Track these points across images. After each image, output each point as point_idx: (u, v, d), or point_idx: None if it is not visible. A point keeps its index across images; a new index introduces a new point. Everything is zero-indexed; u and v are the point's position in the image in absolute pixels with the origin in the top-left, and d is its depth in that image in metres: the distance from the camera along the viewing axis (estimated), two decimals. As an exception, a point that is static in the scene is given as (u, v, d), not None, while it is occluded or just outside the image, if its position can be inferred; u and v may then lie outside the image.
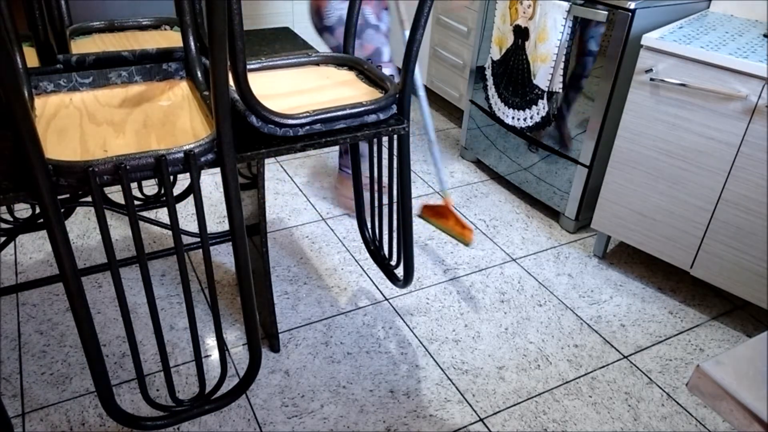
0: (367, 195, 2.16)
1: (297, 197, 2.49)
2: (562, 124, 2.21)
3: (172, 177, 1.18)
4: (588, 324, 1.88)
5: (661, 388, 1.67)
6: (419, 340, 1.80)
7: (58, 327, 1.78)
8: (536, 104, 2.27)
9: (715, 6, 2.11)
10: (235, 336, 1.78)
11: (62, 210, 1.28)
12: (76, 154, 1.10)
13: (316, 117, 1.26)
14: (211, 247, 2.09)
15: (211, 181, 2.52)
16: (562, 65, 2.12)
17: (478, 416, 1.58)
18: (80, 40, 1.57)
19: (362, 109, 1.32)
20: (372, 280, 2.04)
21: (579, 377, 1.70)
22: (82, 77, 1.35)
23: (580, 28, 2.04)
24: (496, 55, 2.40)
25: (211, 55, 1.03)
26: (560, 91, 2.18)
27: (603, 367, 1.73)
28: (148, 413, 1.40)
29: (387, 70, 1.88)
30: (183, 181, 2.34)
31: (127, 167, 1.05)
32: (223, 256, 2.12)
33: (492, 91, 2.47)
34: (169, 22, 1.68)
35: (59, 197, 1.08)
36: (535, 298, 1.98)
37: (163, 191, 1.81)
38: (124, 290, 1.18)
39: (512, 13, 2.24)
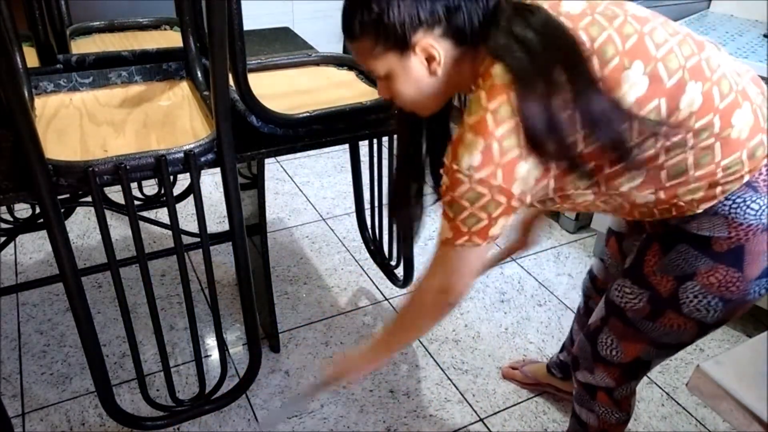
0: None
1: (297, 197, 2.49)
2: (562, 124, 2.21)
3: (172, 177, 1.18)
4: (588, 324, 1.88)
5: (661, 388, 1.67)
6: (419, 340, 1.80)
7: (58, 327, 1.78)
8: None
9: (715, 6, 2.11)
10: (235, 336, 1.78)
11: (62, 210, 1.27)
12: (76, 154, 1.10)
13: (316, 117, 1.26)
14: (211, 247, 2.09)
15: (211, 181, 2.52)
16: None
17: (478, 416, 1.58)
18: (80, 40, 1.57)
19: (362, 108, 1.32)
20: (372, 280, 2.04)
21: (579, 377, 1.70)
22: (82, 77, 1.34)
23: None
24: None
25: (211, 55, 1.03)
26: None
27: None
28: (148, 413, 1.40)
29: None
30: (183, 181, 2.34)
31: (127, 167, 1.05)
32: (223, 256, 2.11)
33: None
34: (169, 22, 1.68)
35: (59, 197, 1.08)
36: (535, 298, 1.98)
37: (163, 191, 1.81)
38: (124, 290, 1.18)
39: None
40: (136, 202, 1.72)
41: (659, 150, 0.85)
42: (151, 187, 2.08)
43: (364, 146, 1.77)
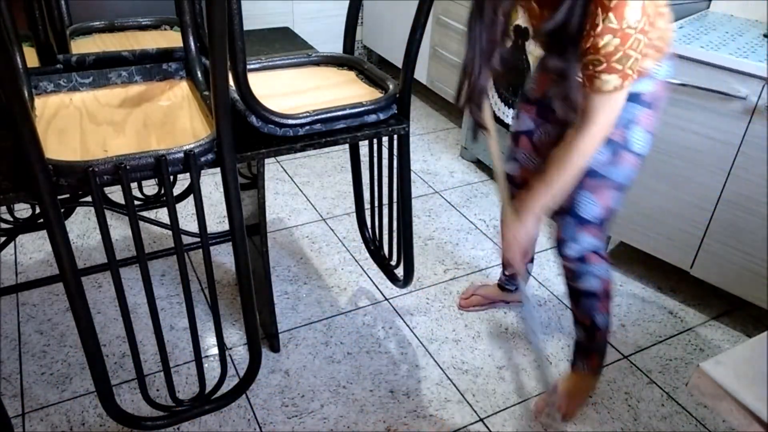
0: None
1: (297, 197, 2.49)
2: (562, 124, 2.21)
3: (172, 177, 1.18)
4: (588, 324, 1.88)
5: (661, 388, 1.67)
6: (419, 340, 1.80)
7: (58, 327, 1.78)
8: (536, 104, 2.27)
9: (715, 6, 2.10)
10: (235, 336, 1.78)
11: (62, 210, 1.28)
12: (76, 154, 1.10)
13: (316, 117, 1.26)
14: (211, 247, 2.09)
15: (211, 181, 2.52)
16: (562, 65, 2.12)
17: (478, 416, 1.58)
18: (80, 40, 1.57)
19: (362, 109, 1.32)
20: (372, 280, 2.04)
21: (579, 377, 1.70)
22: (82, 77, 1.35)
23: (580, 28, 2.04)
24: (496, 55, 2.40)
25: (211, 55, 1.03)
26: (560, 91, 2.18)
27: (603, 367, 1.73)
28: (148, 413, 1.40)
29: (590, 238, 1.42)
30: (183, 181, 2.34)
31: (127, 167, 1.05)
32: (223, 256, 2.12)
33: (492, 91, 2.47)
34: (169, 22, 1.68)
35: (59, 197, 1.08)
36: (535, 297, 1.98)
37: (163, 191, 1.81)
38: (124, 290, 1.18)
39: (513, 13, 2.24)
40: (136, 202, 1.72)
41: None
42: (151, 187, 2.08)
43: (364, 146, 1.77)
